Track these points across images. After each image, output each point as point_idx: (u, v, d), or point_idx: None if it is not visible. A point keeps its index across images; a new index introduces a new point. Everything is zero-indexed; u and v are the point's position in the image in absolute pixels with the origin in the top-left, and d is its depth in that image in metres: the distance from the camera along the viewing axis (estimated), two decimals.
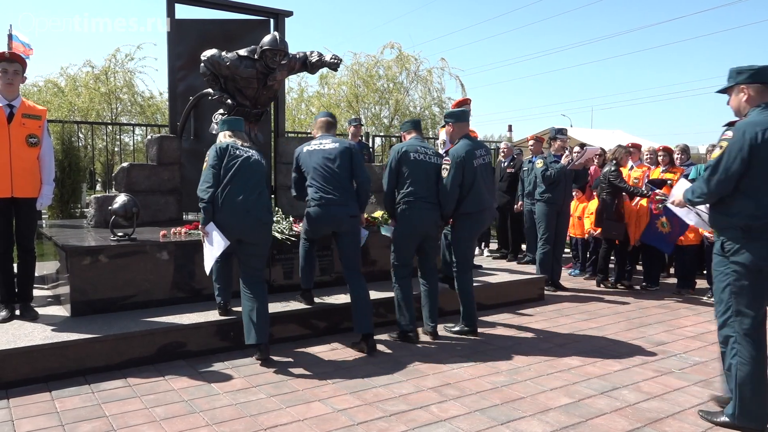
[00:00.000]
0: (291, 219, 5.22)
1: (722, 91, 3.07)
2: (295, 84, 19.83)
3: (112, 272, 4.24)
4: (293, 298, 4.73)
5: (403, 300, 4.45)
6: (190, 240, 4.63)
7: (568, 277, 7.29)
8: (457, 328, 4.69)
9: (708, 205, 3.07)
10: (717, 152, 2.97)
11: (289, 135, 11.03)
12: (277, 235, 4.83)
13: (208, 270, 4.05)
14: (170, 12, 5.94)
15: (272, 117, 6.53)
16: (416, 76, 18.41)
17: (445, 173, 4.51)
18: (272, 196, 6.53)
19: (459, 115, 4.86)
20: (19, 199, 4.00)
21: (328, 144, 4.31)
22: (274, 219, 5.19)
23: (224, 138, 4.14)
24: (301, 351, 4.21)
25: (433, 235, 4.63)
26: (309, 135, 10.66)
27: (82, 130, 9.89)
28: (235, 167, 3.91)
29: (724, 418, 3.02)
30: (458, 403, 3.32)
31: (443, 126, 5.17)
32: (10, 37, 9.21)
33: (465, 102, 6.80)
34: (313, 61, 5.65)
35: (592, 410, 3.23)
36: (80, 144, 9.02)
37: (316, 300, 4.72)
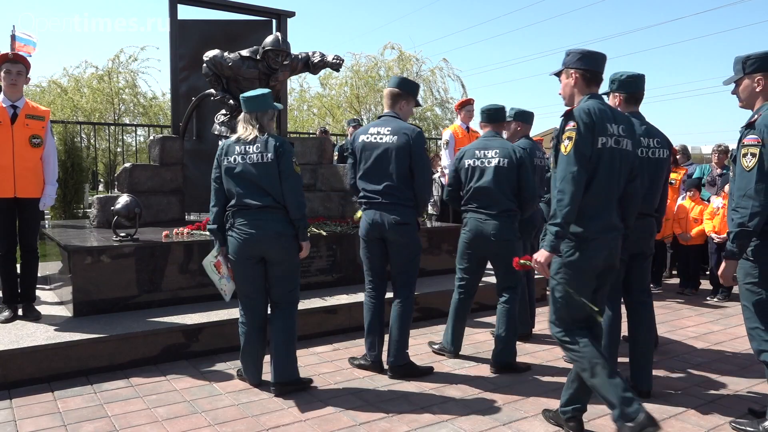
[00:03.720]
0: None
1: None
2: (296, 85, 19.87)
3: (114, 272, 4.25)
4: None
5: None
6: (192, 240, 4.64)
7: None
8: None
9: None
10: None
11: (291, 135, 11.05)
12: None
13: (228, 298, 3.60)
14: (172, 13, 5.95)
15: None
16: (418, 77, 18.44)
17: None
18: None
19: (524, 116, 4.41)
20: (22, 199, 4.01)
21: (386, 136, 3.66)
22: None
23: (238, 126, 3.52)
24: (302, 351, 4.21)
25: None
26: (311, 135, 10.72)
27: (85, 131, 9.89)
28: (236, 175, 3.32)
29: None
30: (460, 403, 3.32)
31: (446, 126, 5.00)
32: (12, 37, 9.24)
33: (469, 102, 6.81)
34: (316, 61, 5.66)
35: (595, 410, 3.22)
36: (83, 144, 9.03)
37: (319, 300, 4.72)
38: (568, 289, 2.74)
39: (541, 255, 2.71)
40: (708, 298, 6.22)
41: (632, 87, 3.43)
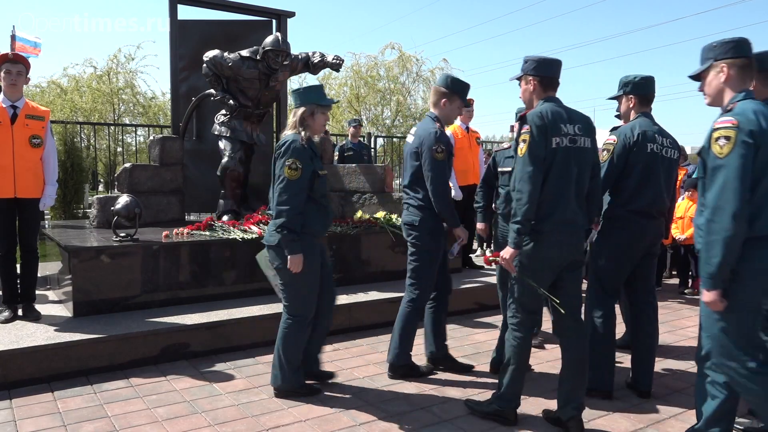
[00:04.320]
0: None
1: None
2: (296, 85, 19.87)
3: (114, 273, 4.25)
4: None
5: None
6: (192, 240, 4.64)
7: None
8: None
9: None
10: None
11: None
12: None
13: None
14: (172, 13, 5.95)
15: (274, 118, 6.54)
16: (418, 77, 18.46)
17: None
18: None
19: None
20: (22, 199, 4.01)
21: (411, 136, 3.69)
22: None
23: None
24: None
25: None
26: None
27: (85, 131, 9.89)
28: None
29: None
30: (460, 403, 3.32)
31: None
32: (12, 37, 9.24)
33: (468, 103, 6.80)
34: (315, 61, 5.66)
35: (595, 411, 3.22)
36: (83, 144, 9.03)
37: None
38: (524, 278, 2.89)
39: (506, 252, 2.86)
40: None
41: (645, 89, 3.46)
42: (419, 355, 4.07)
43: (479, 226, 4.30)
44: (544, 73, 2.96)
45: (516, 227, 2.80)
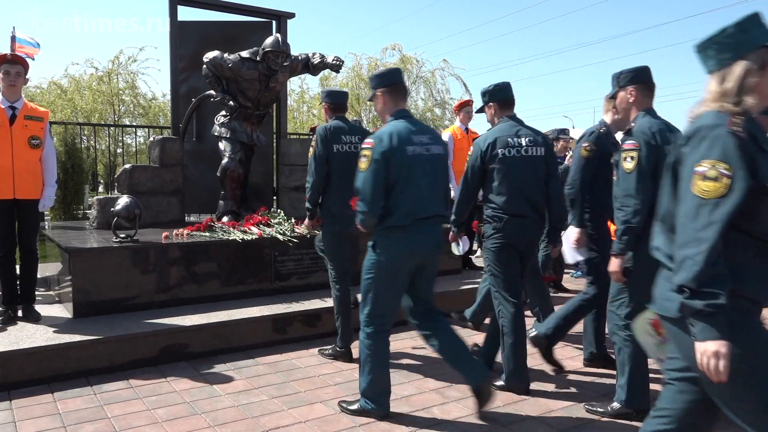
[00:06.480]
0: (293, 220, 5.22)
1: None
2: (296, 86, 19.87)
3: (114, 274, 4.25)
4: (294, 299, 4.73)
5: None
6: (192, 241, 4.64)
7: (570, 279, 7.28)
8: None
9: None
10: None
11: (291, 136, 11.03)
12: (279, 236, 4.84)
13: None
14: (172, 14, 5.95)
15: (274, 118, 6.54)
16: (418, 78, 18.47)
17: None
18: (275, 197, 6.55)
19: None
20: (22, 200, 4.01)
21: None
22: (276, 221, 5.20)
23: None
24: (303, 352, 4.21)
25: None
26: (311, 136, 10.74)
27: (85, 132, 9.89)
28: None
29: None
30: (460, 404, 3.32)
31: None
32: (12, 38, 9.26)
33: (467, 103, 6.81)
34: (315, 62, 5.66)
35: (594, 411, 3.22)
36: (83, 145, 9.03)
37: (318, 301, 4.72)
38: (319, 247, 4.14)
39: (306, 222, 4.12)
40: None
41: (503, 94, 3.62)
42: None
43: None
44: (332, 101, 4.04)
45: (307, 205, 3.98)
